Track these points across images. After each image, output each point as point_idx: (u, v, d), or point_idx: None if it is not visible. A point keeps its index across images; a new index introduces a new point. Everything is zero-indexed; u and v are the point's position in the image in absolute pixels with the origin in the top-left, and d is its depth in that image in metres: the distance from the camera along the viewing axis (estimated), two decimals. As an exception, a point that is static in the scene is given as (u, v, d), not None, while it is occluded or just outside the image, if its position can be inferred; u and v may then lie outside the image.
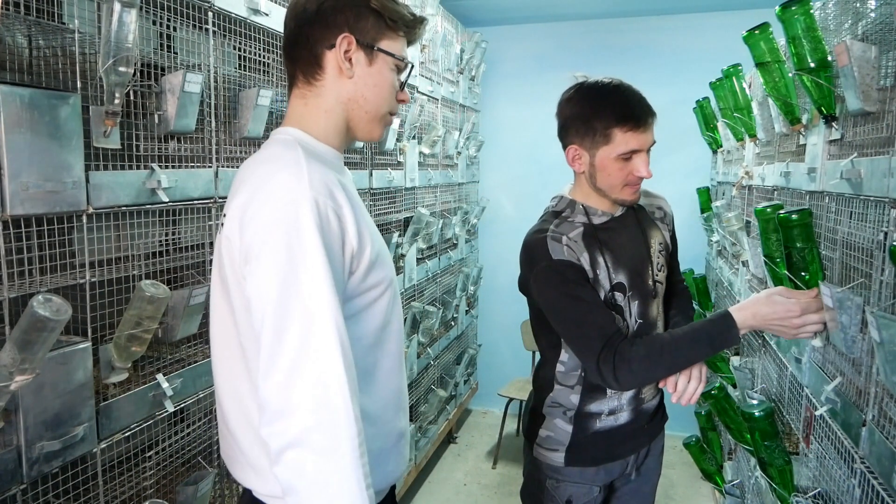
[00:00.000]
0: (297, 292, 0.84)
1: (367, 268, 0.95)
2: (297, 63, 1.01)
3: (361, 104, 1.01)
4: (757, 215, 1.60)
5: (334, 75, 0.99)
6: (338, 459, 0.82)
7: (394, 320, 1.05)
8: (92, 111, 1.23)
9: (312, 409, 0.82)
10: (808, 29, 1.39)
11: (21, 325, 1.03)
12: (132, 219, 1.37)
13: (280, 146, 0.97)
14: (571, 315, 1.33)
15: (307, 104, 1.01)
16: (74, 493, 1.26)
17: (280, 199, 0.87)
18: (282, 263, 0.84)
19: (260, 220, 0.87)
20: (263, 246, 0.85)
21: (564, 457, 1.45)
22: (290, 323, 0.84)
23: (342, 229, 0.91)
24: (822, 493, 1.39)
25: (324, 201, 0.88)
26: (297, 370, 0.83)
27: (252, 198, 0.89)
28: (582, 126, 1.38)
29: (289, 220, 0.85)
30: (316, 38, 0.97)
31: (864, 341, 1.19)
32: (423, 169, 3.02)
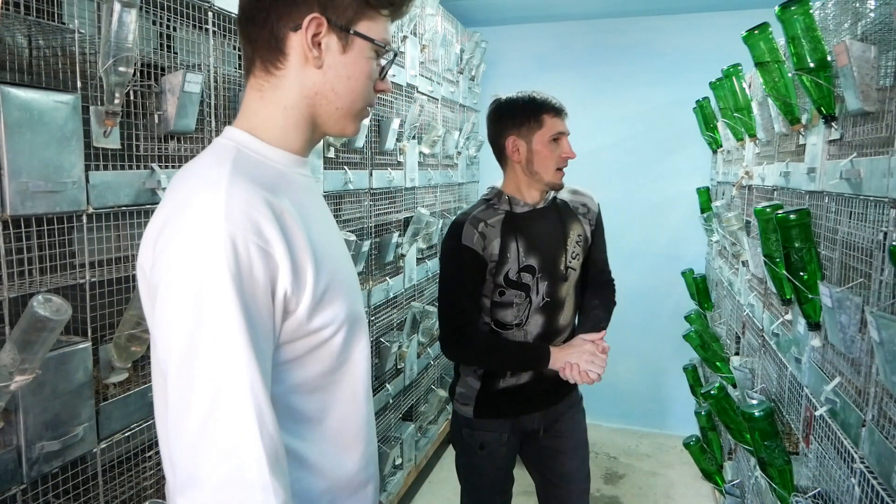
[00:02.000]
0: (204, 350, 0.70)
1: (312, 306, 0.79)
2: (253, 46, 0.83)
3: (331, 99, 0.84)
4: (756, 215, 1.61)
5: (299, 63, 0.82)
6: None
7: (350, 361, 0.88)
8: (92, 111, 1.23)
9: (221, 485, 0.69)
10: (808, 29, 1.39)
11: (21, 325, 1.03)
12: (132, 219, 1.37)
13: (211, 157, 0.81)
14: (450, 292, 1.64)
15: (263, 97, 0.84)
16: (74, 493, 1.26)
17: (192, 233, 0.71)
18: (188, 314, 0.70)
19: (169, 254, 0.72)
20: (168, 289, 0.71)
21: (473, 409, 1.72)
22: (196, 384, 0.70)
23: (269, 269, 0.74)
24: (822, 492, 1.39)
25: (244, 237, 0.72)
26: (206, 438, 0.69)
27: (167, 222, 0.75)
28: (519, 116, 1.66)
29: (198, 262, 0.70)
30: (278, 15, 0.80)
31: (863, 341, 1.19)
32: (422, 169, 3.02)
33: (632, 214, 3.91)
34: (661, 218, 3.85)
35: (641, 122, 3.84)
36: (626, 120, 3.85)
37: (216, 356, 0.70)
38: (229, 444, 0.70)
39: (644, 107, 3.83)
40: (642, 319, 3.82)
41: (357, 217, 2.37)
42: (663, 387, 3.90)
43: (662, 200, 3.84)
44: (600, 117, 3.91)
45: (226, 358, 0.70)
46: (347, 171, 2.22)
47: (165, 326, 0.72)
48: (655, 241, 3.87)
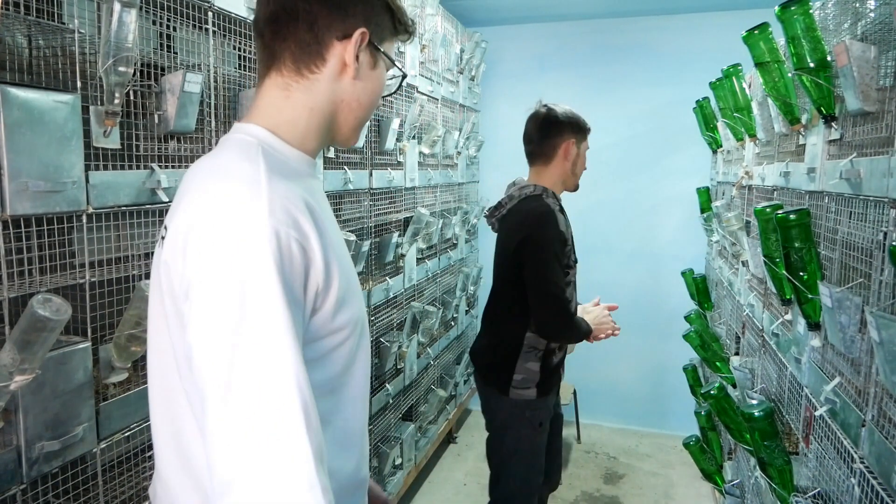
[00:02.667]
0: (250, 346, 0.68)
1: (335, 307, 0.80)
2: (287, 43, 0.83)
3: (353, 108, 0.88)
4: (756, 215, 1.61)
5: (335, 70, 0.84)
6: None
7: (357, 364, 0.89)
8: (92, 111, 1.23)
9: (268, 484, 0.66)
10: (808, 29, 1.39)
11: (21, 325, 1.03)
12: (132, 219, 1.37)
13: (238, 152, 0.81)
14: (556, 274, 1.84)
15: (289, 97, 0.85)
16: (74, 493, 1.26)
17: (234, 228, 0.71)
18: (233, 309, 0.69)
19: (209, 252, 0.71)
20: (211, 285, 0.70)
21: (536, 391, 1.94)
22: (241, 382, 0.68)
23: (306, 264, 0.75)
24: (822, 492, 1.39)
25: (286, 233, 0.72)
26: (251, 438, 0.67)
27: (200, 219, 0.73)
28: (577, 125, 2.05)
29: (244, 257, 0.70)
30: (327, 22, 0.82)
31: (863, 341, 1.19)
32: (422, 169, 3.02)
33: (632, 214, 3.91)
34: (661, 218, 3.85)
35: (641, 122, 3.84)
36: (626, 120, 3.85)
37: (262, 351, 0.69)
38: (276, 442, 0.67)
39: (644, 107, 3.83)
40: (642, 319, 3.82)
41: (357, 217, 2.37)
42: (663, 387, 3.90)
43: (662, 200, 3.84)
44: (600, 117, 3.89)
45: (272, 353, 0.69)
46: (347, 170, 2.22)
47: (209, 325, 0.69)
48: (655, 241, 3.87)
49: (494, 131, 4.16)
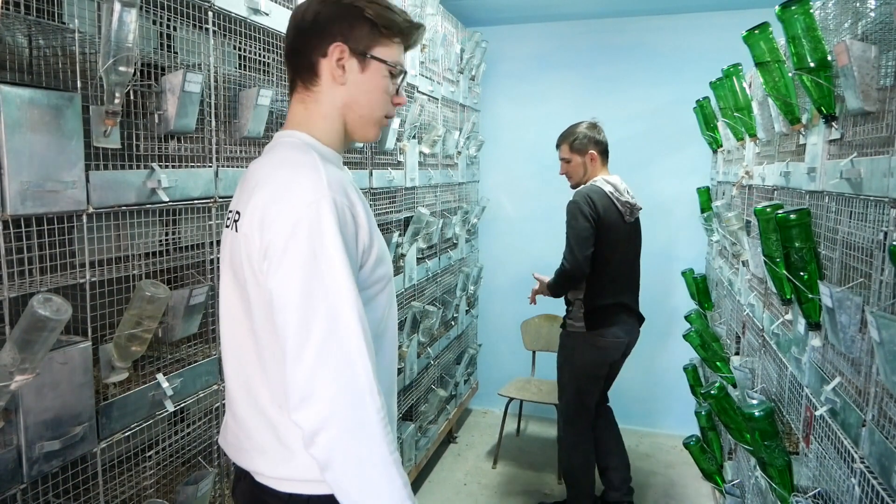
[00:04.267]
0: (320, 285, 0.90)
1: (374, 263, 1.02)
2: (296, 70, 1.06)
3: (356, 109, 1.07)
4: (757, 215, 1.61)
5: (329, 82, 1.05)
6: (367, 435, 0.90)
7: (391, 312, 1.11)
8: (92, 111, 1.23)
9: (340, 391, 0.89)
10: (808, 28, 1.39)
11: (21, 325, 1.03)
12: (132, 218, 1.37)
13: (293, 150, 1.02)
14: None
15: (307, 109, 1.07)
16: (74, 493, 1.26)
17: (302, 199, 0.92)
18: (305, 259, 0.90)
19: (283, 219, 0.92)
20: (288, 243, 0.91)
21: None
22: (315, 314, 0.90)
23: (356, 226, 0.97)
24: (822, 492, 1.39)
25: (341, 200, 0.94)
26: (324, 357, 0.89)
27: (273, 198, 0.94)
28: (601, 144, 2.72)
29: (311, 219, 0.91)
30: (312, 47, 1.03)
31: (863, 341, 1.19)
32: (423, 169, 3.02)
33: (632, 214, 3.91)
34: (662, 218, 3.85)
35: (642, 121, 3.84)
36: (627, 120, 3.85)
37: (331, 289, 0.90)
38: (345, 359, 0.90)
39: (644, 106, 3.83)
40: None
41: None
42: (663, 387, 3.90)
43: (662, 200, 3.84)
44: (601, 117, 3.86)
45: (338, 290, 0.91)
46: (347, 171, 2.22)
47: (288, 273, 0.90)
48: (655, 241, 3.87)
49: (495, 131, 4.16)
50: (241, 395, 1.05)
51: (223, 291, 1.07)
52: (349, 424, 0.89)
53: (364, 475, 0.90)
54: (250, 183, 1.02)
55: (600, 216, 2.52)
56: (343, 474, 0.90)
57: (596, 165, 2.68)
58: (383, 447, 0.91)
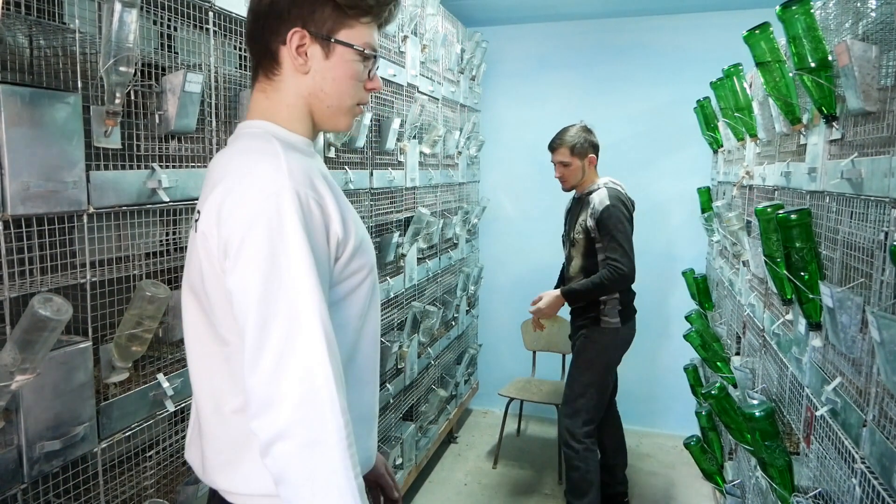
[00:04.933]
0: (280, 287, 0.83)
1: (352, 254, 0.95)
2: (257, 59, 0.98)
3: (322, 98, 0.98)
4: (757, 215, 1.61)
5: (291, 70, 0.96)
6: (324, 451, 0.82)
7: (373, 304, 1.05)
8: (93, 111, 1.23)
9: (298, 402, 0.81)
10: (809, 28, 1.39)
11: (22, 325, 1.03)
12: (133, 218, 1.37)
13: (251, 138, 0.95)
14: None
15: (268, 98, 0.98)
16: (75, 493, 1.26)
17: (260, 190, 0.85)
18: (264, 257, 0.83)
19: (240, 213, 0.85)
20: (245, 240, 0.84)
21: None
22: (274, 317, 0.82)
23: (325, 218, 0.90)
24: (823, 493, 1.39)
25: (305, 192, 0.87)
26: (283, 364, 0.82)
27: (229, 190, 0.87)
28: (598, 148, 2.74)
29: (270, 213, 0.84)
30: (270, 32, 0.94)
31: (864, 341, 1.19)
32: (423, 169, 3.02)
33: (632, 214, 3.91)
34: (662, 218, 3.85)
35: (642, 121, 3.84)
36: (627, 120, 3.85)
37: (290, 289, 0.83)
38: (305, 367, 0.82)
39: (645, 106, 3.83)
40: (643, 319, 3.80)
41: (358, 217, 2.37)
42: (664, 387, 3.90)
43: (663, 200, 3.84)
44: (601, 117, 3.90)
45: (298, 290, 0.83)
46: (348, 170, 2.22)
47: (245, 272, 0.83)
48: (656, 241, 3.87)
49: (495, 131, 4.16)
50: (209, 406, 0.97)
51: (183, 300, 0.99)
52: (307, 440, 0.81)
53: (317, 497, 0.81)
54: (211, 178, 0.96)
55: (631, 213, 2.64)
56: (296, 493, 0.82)
57: (593, 169, 2.72)
58: (340, 472, 0.82)
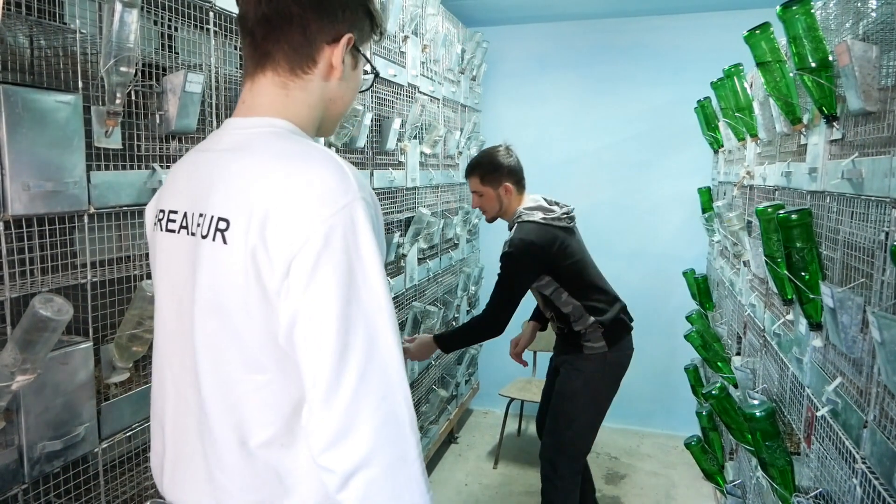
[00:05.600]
0: (359, 307, 0.77)
1: None
2: (280, 45, 0.87)
3: (338, 105, 0.95)
4: (758, 215, 1.61)
5: (324, 71, 0.89)
6: (408, 472, 0.79)
7: None
8: (93, 111, 1.23)
9: (381, 425, 0.77)
10: (809, 29, 1.39)
11: (22, 325, 1.03)
12: (133, 219, 1.37)
13: (295, 143, 0.85)
14: None
15: (289, 95, 0.89)
16: (76, 493, 1.26)
17: (334, 201, 0.76)
18: (342, 276, 0.76)
19: (312, 227, 0.75)
20: (320, 258, 0.75)
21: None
22: (354, 339, 0.76)
23: (378, 228, 0.83)
24: (824, 493, 1.39)
25: (370, 201, 0.80)
26: (365, 387, 0.76)
27: (292, 202, 0.77)
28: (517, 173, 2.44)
29: (346, 227, 0.76)
30: (318, 28, 0.87)
31: (864, 341, 1.19)
32: (424, 169, 3.02)
33: (633, 214, 3.91)
34: (663, 218, 3.85)
35: (642, 121, 3.84)
36: (627, 120, 3.85)
37: (370, 310, 0.77)
38: (385, 389, 0.77)
39: (645, 106, 3.83)
40: (643, 319, 3.79)
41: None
42: (664, 387, 3.90)
43: (664, 200, 3.84)
44: (601, 117, 3.91)
45: (378, 311, 0.78)
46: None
47: (319, 293, 0.75)
48: (657, 241, 3.87)
49: (496, 131, 4.16)
50: (231, 442, 0.85)
51: (200, 314, 0.85)
52: (390, 461, 0.78)
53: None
54: (243, 182, 0.82)
55: (551, 253, 2.24)
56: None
57: (511, 196, 2.37)
58: (422, 488, 0.80)
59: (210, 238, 0.82)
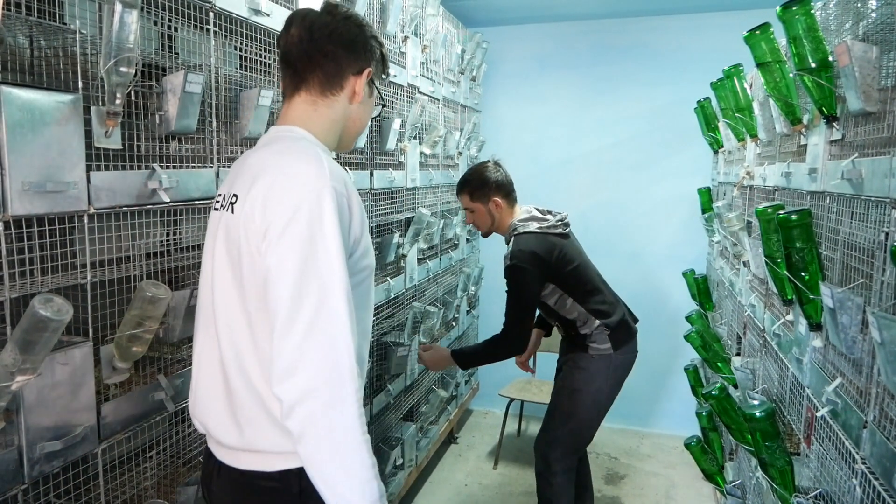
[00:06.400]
0: (315, 266, 0.96)
1: (361, 254, 1.08)
2: (315, 72, 1.13)
3: (356, 125, 1.21)
4: (758, 215, 1.61)
5: (347, 95, 1.16)
6: (343, 410, 0.95)
7: (368, 305, 1.18)
8: (93, 111, 1.23)
9: (322, 367, 0.94)
10: (809, 29, 1.39)
11: (22, 326, 1.03)
12: (133, 219, 1.37)
13: (296, 142, 1.09)
14: None
15: (318, 111, 1.14)
16: (75, 494, 1.26)
17: (305, 184, 0.99)
18: (303, 240, 0.96)
19: (287, 202, 0.98)
20: (288, 224, 0.96)
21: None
22: (307, 292, 0.95)
23: (350, 216, 1.04)
24: (823, 493, 1.39)
25: (340, 190, 1.01)
26: (312, 333, 0.95)
27: (277, 182, 1.00)
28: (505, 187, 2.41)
29: (312, 205, 0.97)
30: (347, 61, 1.13)
31: (864, 342, 1.19)
32: (424, 169, 3.02)
33: (633, 214, 3.91)
34: (663, 218, 3.85)
35: (642, 122, 3.84)
36: (627, 120, 3.85)
37: (324, 271, 0.96)
38: (331, 339, 0.96)
39: (645, 107, 3.83)
40: (643, 319, 3.79)
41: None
42: (664, 387, 3.90)
43: (663, 200, 3.84)
44: (601, 117, 3.91)
45: (331, 273, 0.97)
46: (349, 171, 2.22)
47: (285, 253, 0.96)
48: (656, 242, 3.87)
49: (495, 131, 4.16)
50: (234, 369, 1.07)
51: (217, 270, 1.09)
52: (327, 400, 0.94)
53: (336, 450, 0.95)
54: (252, 169, 1.07)
55: (552, 262, 2.24)
56: (316, 448, 0.95)
57: (503, 210, 2.38)
58: (356, 427, 0.96)
59: (227, 209, 1.08)
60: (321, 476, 0.96)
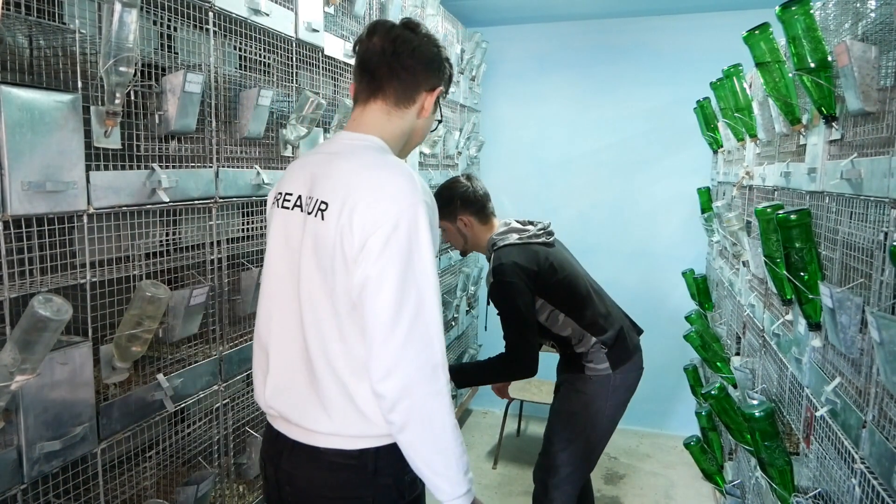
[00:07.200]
0: (413, 276, 1.07)
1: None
2: (393, 83, 1.20)
3: (418, 136, 1.29)
4: (757, 215, 1.61)
5: (417, 109, 1.23)
6: (439, 401, 1.08)
7: None
8: (93, 111, 1.23)
9: (420, 366, 1.07)
10: (809, 29, 1.39)
11: (22, 325, 1.03)
12: (133, 219, 1.37)
13: (383, 155, 1.18)
14: None
15: (391, 121, 1.22)
16: (75, 493, 1.26)
17: (402, 200, 1.08)
18: (403, 253, 1.06)
19: (387, 216, 1.06)
20: (389, 239, 1.06)
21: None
22: (407, 300, 1.06)
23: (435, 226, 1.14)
24: (823, 493, 1.39)
25: (430, 204, 1.12)
26: (412, 336, 1.06)
27: (374, 197, 1.08)
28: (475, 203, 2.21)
29: (410, 219, 1.07)
30: (425, 77, 1.22)
31: (863, 342, 1.19)
32: (423, 169, 3.02)
33: (632, 214, 3.91)
34: (662, 218, 3.85)
35: (642, 122, 3.84)
36: (627, 120, 3.85)
37: (420, 280, 1.07)
38: (427, 340, 1.08)
39: (644, 107, 3.83)
40: (643, 319, 3.79)
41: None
42: (664, 387, 3.90)
43: (663, 200, 3.84)
44: (600, 117, 3.91)
45: (426, 281, 1.08)
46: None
47: (387, 264, 1.05)
48: (656, 241, 3.87)
49: (495, 131, 4.16)
50: (322, 363, 1.15)
51: (304, 272, 1.15)
52: (426, 393, 1.07)
53: (435, 435, 1.09)
54: (343, 179, 1.13)
55: (537, 271, 2.08)
56: (419, 434, 1.08)
57: (474, 228, 2.19)
58: (449, 417, 1.10)
59: (314, 215, 1.13)
60: (422, 458, 1.10)
